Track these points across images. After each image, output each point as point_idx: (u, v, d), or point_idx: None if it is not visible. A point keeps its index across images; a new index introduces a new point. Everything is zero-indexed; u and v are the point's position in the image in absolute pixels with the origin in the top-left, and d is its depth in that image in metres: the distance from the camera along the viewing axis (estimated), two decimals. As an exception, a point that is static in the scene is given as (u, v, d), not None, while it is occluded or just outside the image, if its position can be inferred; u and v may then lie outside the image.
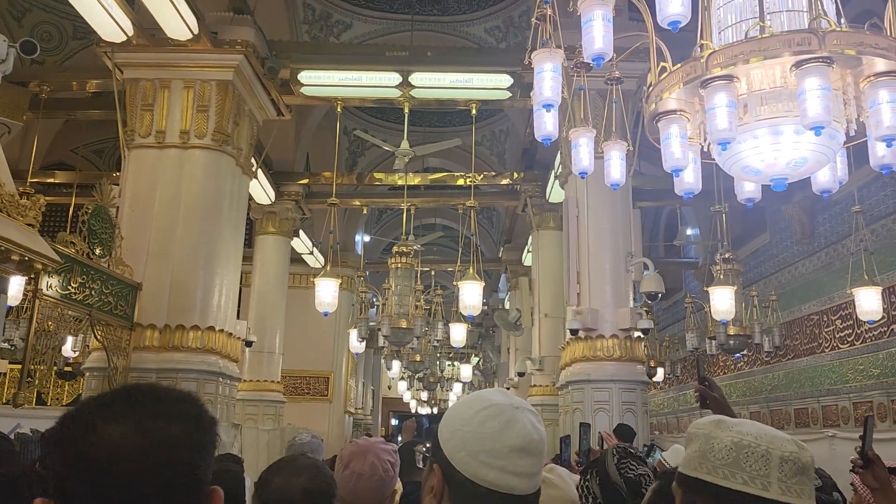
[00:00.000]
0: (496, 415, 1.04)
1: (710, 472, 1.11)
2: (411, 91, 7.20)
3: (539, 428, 1.05)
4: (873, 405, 7.52)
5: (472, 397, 1.11)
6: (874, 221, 7.61)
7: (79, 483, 0.77)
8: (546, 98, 3.19)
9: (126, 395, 0.83)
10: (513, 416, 1.04)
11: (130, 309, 6.22)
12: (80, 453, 0.77)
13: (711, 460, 1.11)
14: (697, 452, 1.14)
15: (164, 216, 6.55)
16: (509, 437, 1.02)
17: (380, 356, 17.70)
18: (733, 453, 1.09)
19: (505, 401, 1.06)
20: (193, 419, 0.84)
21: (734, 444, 1.10)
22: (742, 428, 1.13)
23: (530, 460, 1.02)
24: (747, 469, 1.08)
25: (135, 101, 6.87)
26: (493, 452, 1.01)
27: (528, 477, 1.03)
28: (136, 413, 0.80)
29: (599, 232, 6.54)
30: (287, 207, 10.56)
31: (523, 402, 1.08)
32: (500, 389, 1.15)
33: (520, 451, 1.02)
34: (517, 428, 1.03)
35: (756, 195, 3.49)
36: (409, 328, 7.76)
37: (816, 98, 2.66)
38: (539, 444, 1.04)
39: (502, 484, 1.00)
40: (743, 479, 1.07)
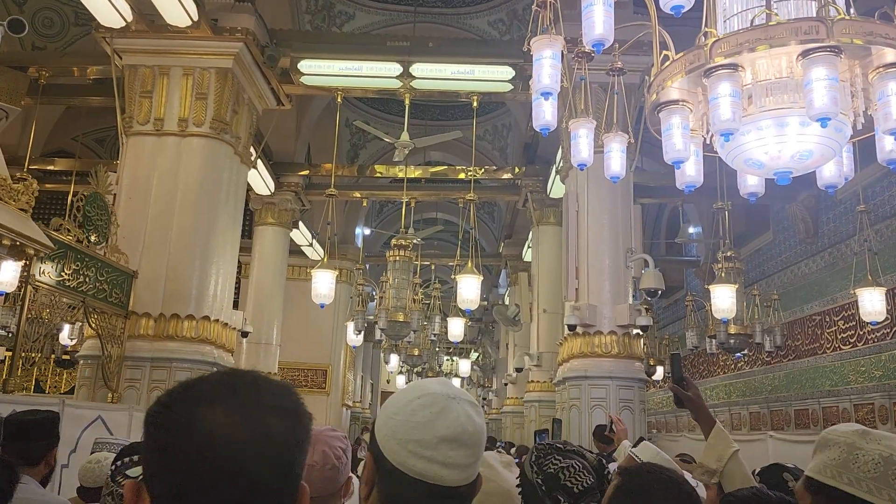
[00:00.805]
0: (429, 404, 1.03)
1: (851, 483, 1.06)
2: (412, 82, 7.12)
3: (475, 420, 1.03)
4: (874, 407, 7.45)
5: (410, 386, 1.10)
6: (879, 221, 7.53)
7: (174, 471, 0.74)
8: (544, 86, 3.11)
9: (230, 382, 0.80)
10: (446, 407, 1.03)
11: (125, 297, 6.17)
12: (178, 440, 0.74)
13: (854, 471, 1.06)
14: (837, 461, 1.08)
15: (161, 204, 6.49)
16: (440, 427, 1.01)
17: (378, 350, 17.65)
18: (881, 468, 1.05)
19: (441, 390, 1.05)
20: (293, 413, 0.81)
21: (883, 458, 1.05)
22: (891, 443, 1.08)
23: (462, 451, 1.01)
24: (895, 486, 1.03)
25: (133, 88, 6.81)
26: (421, 442, 1.00)
27: (460, 468, 1.01)
28: (240, 403, 0.77)
29: (599, 227, 6.46)
30: (287, 198, 10.49)
31: (462, 394, 1.06)
32: (441, 379, 1.11)
33: (451, 442, 1.00)
34: (449, 418, 1.01)
35: (759, 189, 3.41)
36: (406, 321, 7.70)
37: (823, 88, 2.58)
38: (474, 435, 1.02)
39: (430, 474, 0.99)
40: (890, 497, 1.03)
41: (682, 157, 3.06)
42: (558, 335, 7.91)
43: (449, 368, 20.90)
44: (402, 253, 8.07)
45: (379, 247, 16.20)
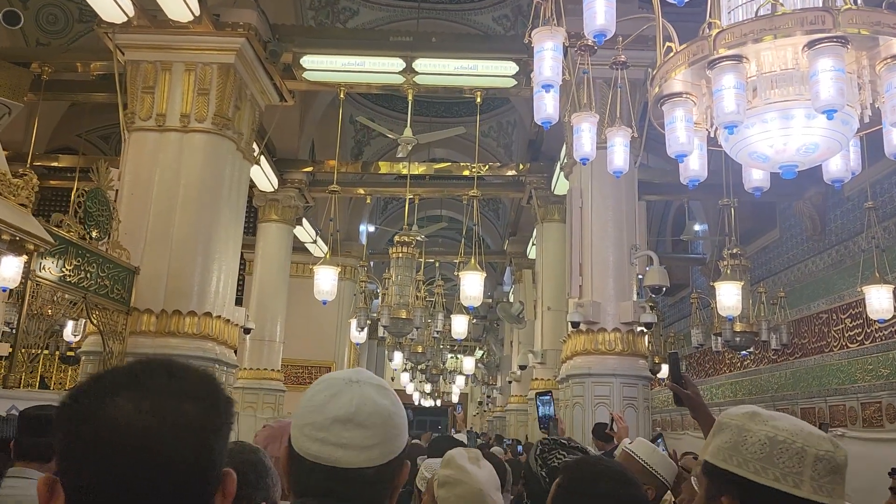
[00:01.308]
0: (325, 388, 1.04)
1: (740, 465, 1.07)
2: (415, 77, 7.08)
3: (377, 401, 1.03)
4: (882, 405, 7.38)
5: (321, 377, 1.11)
6: (887, 218, 7.45)
7: (84, 463, 0.72)
8: (546, 78, 3.07)
9: (139, 370, 0.78)
10: (342, 390, 1.03)
11: (127, 293, 6.15)
12: (86, 431, 0.73)
13: (743, 453, 1.07)
14: (728, 444, 1.10)
15: (163, 200, 6.47)
16: (332, 408, 1.00)
17: (383, 347, 17.64)
18: (767, 448, 1.06)
19: (342, 377, 1.06)
20: (209, 399, 0.79)
21: (769, 438, 1.07)
22: (777, 423, 1.09)
23: (358, 432, 0.99)
24: (780, 465, 1.05)
25: (135, 84, 6.79)
26: (314, 424, 1.00)
27: (358, 449, 0.99)
28: (148, 391, 0.75)
29: (603, 223, 6.40)
30: (290, 195, 10.47)
31: (369, 378, 1.07)
32: (354, 370, 1.12)
33: (345, 423, 0.99)
34: (342, 400, 1.01)
35: (764, 184, 3.35)
36: (409, 319, 7.67)
37: (830, 80, 2.53)
38: (373, 415, 1.01)
39: (324, 455, 0.99)
40: (775, 476, 1.04)
41: (685, 151, 3.01)
42: (562, 332, 7.86)
43: (453, 366, 20.88)
44: (406, 249, 8.03)
45: (383, 244, 16.18)
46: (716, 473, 1.11)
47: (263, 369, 9.84)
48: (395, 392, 1.10)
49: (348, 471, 0.99)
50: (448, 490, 1.80)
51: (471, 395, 28.88)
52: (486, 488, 1.78)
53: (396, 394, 1.09)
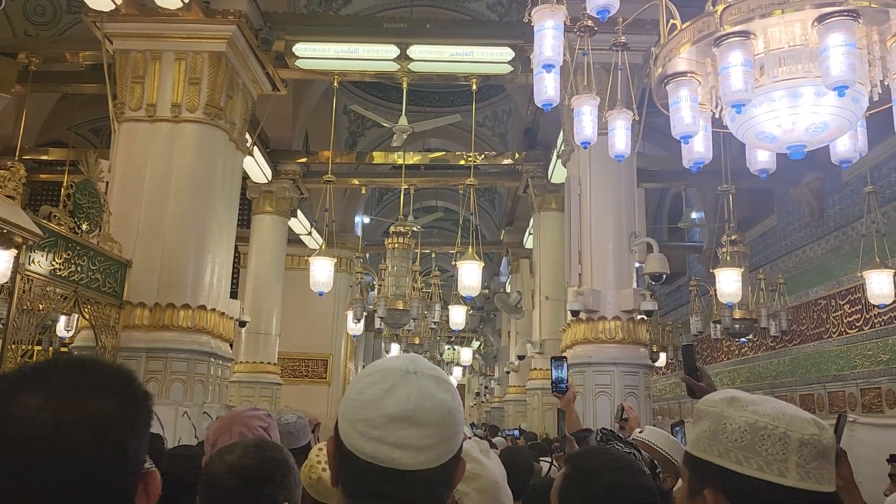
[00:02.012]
0: (379, 381, 0.94)
1: (721, 454, 1.00)
2: (410, 64, 6.97)
3: (437, 395, 0.93)
4: (881, 391, 7.35)
5: (371, 365, 1.01)
6: (886, 203, 7.39)
7: None
8: (546, 58, 2.97)
9: (48, 366, 0.75)
10: (397, 383, 0.93)
11: (119, 287, 6.06)
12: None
13: (723, 442, 1.00)
14: (708, 432, 1.03)
15: (154, 191, 6.37)
16: (388, 404, 0.91)
17: (380, 339, 17.57)
18: (748, 436, 0.99)
19: (397, 366, 0.96)
20: (122, 392, 0.75)
21: (749, 425, 0.99)
22: (758, 407, 1.01)
23: (416, 431, 0.90)
24: (763, 453, 0.97)
25: (125, 74, 6.66)
26: (368, 422, 0.91)
27: (417, 450, 0.90)
28: (55, 385, 0.72)
29: (602, 211, 6.32)
30: (284, 187, 10.36)
31: (426, 368, 0.96)
32: (407, 356, 1.01)
33: (401, 421, 0.90)
34: (399, 395, 0.91)
35: (770, 166, 3.27)
36: (406, 310, 7.59)
37: (841, 55, 2.45)
38: (432, 412, 0.91)
39: (381, 456, 0.90)
40: (758, 465, 0.97)
41: (690, 132, 2.93)
42: (560, 322, 7.80)
43: (450, 357, 20.83)
44: (401, 240, 7.96)
45: (379, 235, 16.08)
46: (697, 465, 1.04)
47: (260, 363, 9.76)
48: (454, 384, 1.00)
49: (405, 473, 0.90)
50: (466, 484, 1.75)
51: (468, 386, 28.88)
52: (500, 480, 1.77)
53: (455, 386, 0.99)
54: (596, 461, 1.45)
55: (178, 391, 6.03)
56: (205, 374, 6.22)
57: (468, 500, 1.72)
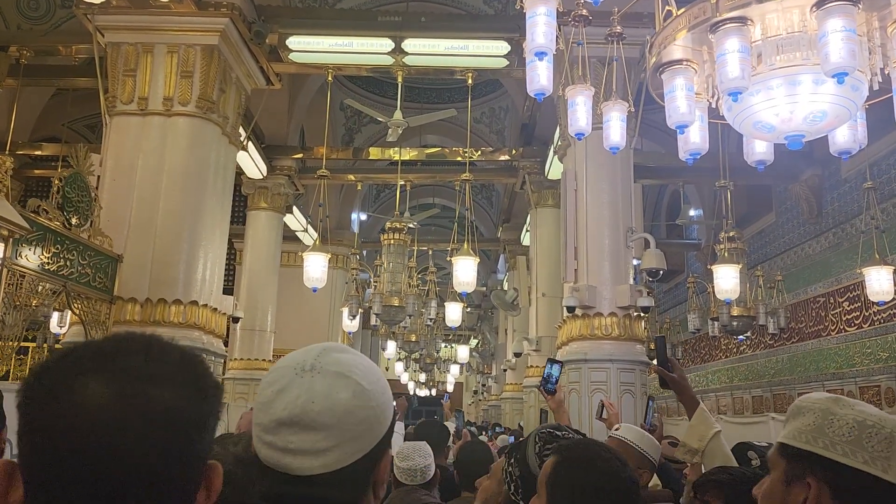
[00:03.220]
0: (273, 381, 0.89)
1: (826, 447, 1.07)
2: (404, 58, 6.88)
3: (332, 395, 0.86)
4: (881, 389, 7.29)
5: (278, 361, 0.98)
6: (885, 200, 7.33)
7: (46, 452, 0.64)
8: (539, 45, 2.91)
9: (111, 349, 0.69)
10: (289, 383, 0.87)
11: (110, 282, 5.98)
12: (47, 418, 0.65)
13: (829, 436, 1.08)
14: (812, 426, 1.10)
15: (146, 186, 6.29)
16: (277, 408, 0.86)
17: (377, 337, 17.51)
18: (856, 431, 1.07)
19: (295, 363, 0.90)
20: (191, 385, 0.70)
21: (857, 422, 1.07)
22: (864, 408, 1.11)
23: (306, 435, 0.84)
24: (869, 449, 1.05)
25: (116, 67, 6.58)
26: (261, 426, 0.87)
27: (310, 455, 0.84)
28: (120, 373, 0.67)
29: (599, 206, 6.25)
30: (280, 182, 10.28)
31: (328, 364, 0.89)
32: (323, 347, 0.93)
33: (289, 426, 0.85)
34: (288, 397, 0.86)
35: (768, 157, 3.21)
36: (402, 306, 7.53)
37: (840, 41, 2.38)
38: (322, 414, 0.85)
39: (273, 462, 0.86)
40: (864, 459, 1.05)
41: (686, 121, 2.86)
42: (557, 319, 7.74)
43: (447, 355, 20.78)
44: (397, 236, 7.89)
45: (376, 232, 16.01)
46: (798, 455, 1.10)
47: (254, 359, 9.69)
48: (374, 374, 0.92)
49: (301, 478, 0.85)
50: None
51: (466, 384, 28.83)
52: None
53: (374, 376, 0.92)
54: (587, 452, 1.48)
55: (169, 388, 5.95)
56: (196, 371, 6.14)
57: None
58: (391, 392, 0.95)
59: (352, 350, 0.95)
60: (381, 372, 0.96)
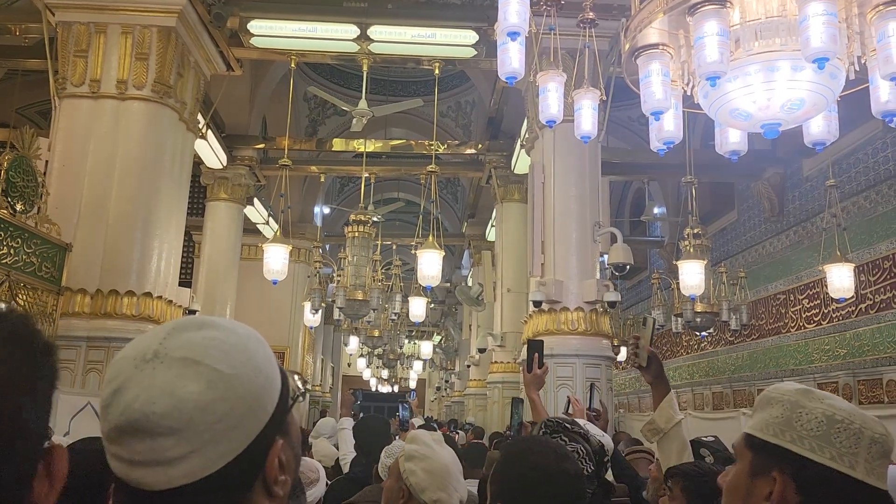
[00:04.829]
0: (112, 378, 0.71)
1: (794, 441, 1.05)
2: (370, 45, 6.72)
3: (179, 390, 0.69)
4: (839, 385, 7.39)
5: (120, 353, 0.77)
6: (846, 199, 7.42)
7: None
8: (511, 24, 2.79)
9: None
10: (128, 380, 0.70)
11: (58, 271, 5.70)
12: None
13: (797, 429, 1.06)
14: (780, 419, 1.08)
15: (97, 172, 6.02)
16: (114, 412, 0.69)
17: (339, 332, 17.28)
18: (824, 426, 1.05)
19: (136, 352, 0.72)
20: (14, 341, 0.61)
21: (826, 416, 1.05)
22: (833, 402, 1.08)
23: (153, 443, 0.68)
24: (836, 445, 1.03)
25: (67, 47, 6.28)
26: (105, 434, 0.71)
27: (164, 465, 0.68)
28: None
29: (566, 199, 6.18)
30: (240, 173, 10.01)
31: (175, 348, 0.71)
32: (171, 326, 0.75)
33: (131, 434, 0.68)
34: (126, 398, 0.69)
35: (742, 147, 3.15)
36: (366, 300, 7.36)
37: (821, 25, 2.32)
38: (168, 417, 0.68)
39: (124, 477, 0.70)
40: (831, 455, 1.03)
41: (662, 108, 2.78)
42: (522, 315, 7.66)
43: (411, 351, 20.63)
44: (361, 229, 7.73)
45: (339, 226, 15.77)
46: (764, 448, 1.08)
47: (212, 354, 9.41)
48: (242, 353, 0.74)
49: (158, 494, 0.69)
50: (415, 463, 1.86)
51: (429, 380, 28.72)
52: (451, 467, 1.87)
53: (243, 355, 0.73)
54: (524, 447, 1.54)
55: (120, 383, 5.71)
56: (150, 365, 5.89)
57: (414, 478, 1.84)
58: (278, 369, 0.78)
59: (215, 324, 0.76)
60: (262, 345, 0.77)
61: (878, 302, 6.96)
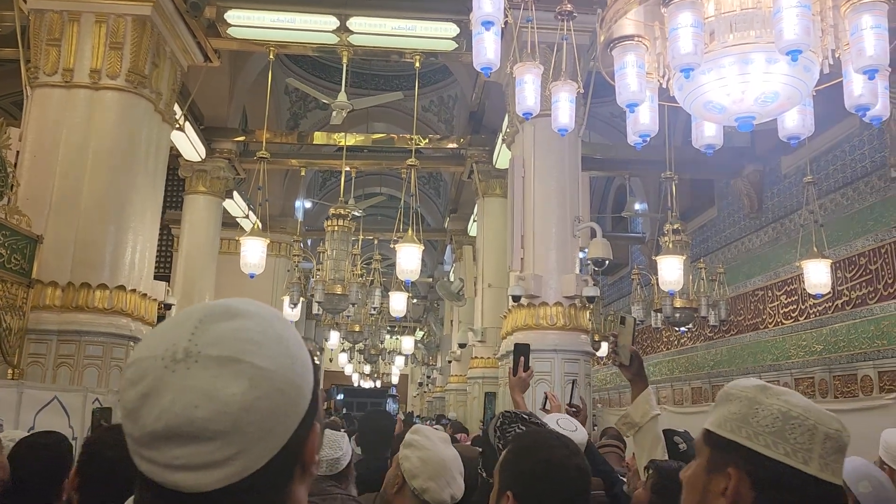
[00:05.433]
0: (136, 379, 0.66)
1: (749, 437, 1.06)
2: (350, 37, 6.65)
3: (220, 393, 0.64)
4: (815, 381, 7.45)
5: (137, 346, 0.72)
6: (823, 196, 7.47)
7: None
8: (486, 14, 2.76)
9: None
10: (158, 383, 0.64)
11: (28, 264, 5.59)
12: None
13: (753, 426, 1.06)
14: (737, 415, 1.08)
15: (70, 163, 5.91)
16: (147, 418, 0.64)
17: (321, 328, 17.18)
18: (779, 422, 1.05)
19: (162, 350, 0.66)
20: None
21: (782, 413, 1.06)
22: (790, 398, 1.09)
23: (195, 448, 0.64)
24: (791, 441, 1.03)
25: (39, 35, 6.16)
26: (134, 438, 0.66)
27: (206, 469, 0.64)
28: None
29: (546, 194, 6.16)
30: (219, 166, 9.89)
31: (207, 344, 0.66)
32: (196, 318, 0.69)
33: (170, 439, 0.64)
34: (161, 403, 0.64)
35: (717, 141, 3.14)
36: (345, 294, 7.32)
37: (795, 17, 2.30)
38: (212, 422, 0.63)
39: (159, 479, 0.66)
40: (785, 451, 1.03)
41: (636, 100, 2.75)
42: (503, 310, 7.64)
43: (392, 346, 20.58)
44: (341, 223, 7.67)
45: (321, 221, 15.65)
46: (721, 444, 1.08)
47: (190, 349, 9.31)
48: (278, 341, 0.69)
49: (199, 495, 0.65)
50: (412, 451, 1.92)
51: (411, 376, 28.69)
52: (448, 463, 1.90)
53: (279, 345, 0.69)
54: (539, 440, 1.57)
55: (91, 377, 5.61)
56: (123, 360, 5.80)
57: (407, 463, 1.90)
58: (306, 349, 0.74)
59: (244, 311, 0.70)
60: (289, 328, 0.73)
61: (853, 298, 7.01)
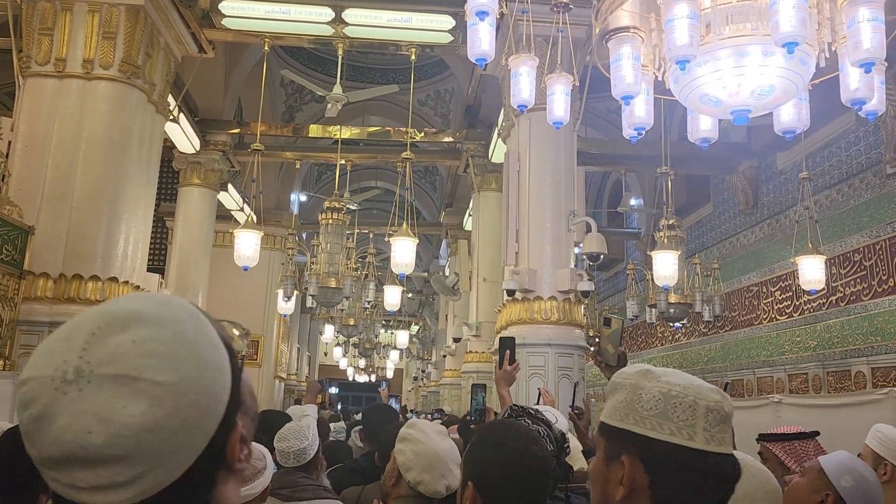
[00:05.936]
0: (28, 401, 0.61)
1: (636, 422, 1.07)
2: (345, 29, 6.61)
3: (116, 415, 0.59)
4: (808, 377, 7.46)
5: (27, 364, 0.66)
6: (818, 192, 7.48)
7: None
8: (480, 4, 2.73)
9: None
10: (49, 407, 0.59)
11: (20, 255, 5.55)
12: None
13: (639, 411, 1.07)
14: (624, 403, 1.10)
15: (62, 153, 5.86)
16: (43, 442, 0.60)
17: (316, 321, 17.17)
18: (661, 403, 1.06)
19: (51, 370, 0.61)
20: None
21: (662, 394, 1.07)
22: (670, 378, 1.09)
23: (98, 471, 0.59)
24: (674, 419, 1.05)
25: (32, 25, 6.11)
26: (36, 459, 0.61)
27: (113, 489, 0.60)
28: None
29: (541, 188, 6.14)
30: (214, 158, 9.84)
31: (99, 361, 0.60)
32: (86, 328, 0.63)
33: (69, 463, 0.59)
34: (54, 429, 0.59)
35: (713, 135, 3.12)
36: (339, 287, 7.30)
37: (791, 9, 2.28)
38: (110, 447, 0.59)
39: (69, 497, 0.61)
40: (670, 430, 1.05)
41: (632, 92, 2.74)
42: (498, 304, 7.63)
43: (387, 341, 20.57)
44: (336, 216, 7.65)
45: (316, 215, 15.62)
46: (613, 434, 1.10)
47: (183, 342, 9.27)
48: (183, 350, 0.63)
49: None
50: (406, 444, 1.96)
51: (406, 370, 28.70)
52: (442, 455, 1.93)
53: (184, 352, 0.63)
54: (500, 430, 1.60)
55: (84, 369, 5.58)
56: (115, 352, 5.77)
57: (402, 457, 1.94)
58: (221, 343, 0.69)
59: (141, 316, 0.64)
60: (198, 323, 0.67)
61: (847, 294, 7.02)
